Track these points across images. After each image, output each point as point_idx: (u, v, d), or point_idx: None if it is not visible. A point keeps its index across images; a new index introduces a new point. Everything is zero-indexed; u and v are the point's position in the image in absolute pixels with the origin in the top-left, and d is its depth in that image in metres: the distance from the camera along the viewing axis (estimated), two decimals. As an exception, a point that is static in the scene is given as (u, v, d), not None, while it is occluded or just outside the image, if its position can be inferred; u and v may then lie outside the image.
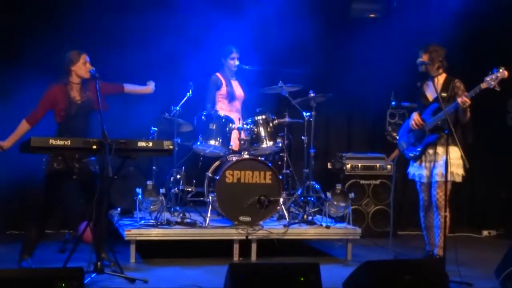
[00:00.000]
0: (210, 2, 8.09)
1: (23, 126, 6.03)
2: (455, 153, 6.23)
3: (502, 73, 6.09)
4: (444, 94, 6.41)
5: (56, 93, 6.09)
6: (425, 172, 6.52)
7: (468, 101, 6.19)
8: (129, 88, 6.65)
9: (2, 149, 6.00)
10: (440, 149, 6.42)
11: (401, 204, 8.56)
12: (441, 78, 6.52)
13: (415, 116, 6.57)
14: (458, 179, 6.43)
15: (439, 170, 6.35)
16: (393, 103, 8.76)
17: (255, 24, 7.95)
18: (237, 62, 7.67)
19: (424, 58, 6.48)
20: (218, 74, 7.73)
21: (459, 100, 6.20)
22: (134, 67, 7.99)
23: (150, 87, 6.84)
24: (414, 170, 6.65)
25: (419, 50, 6.54)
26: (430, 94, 6.55)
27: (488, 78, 6.11)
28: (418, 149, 6.54)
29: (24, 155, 5.82)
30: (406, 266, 5.18)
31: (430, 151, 6.49)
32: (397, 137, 6.92)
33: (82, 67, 6.11)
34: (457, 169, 6.37)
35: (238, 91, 7.80)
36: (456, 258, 5.88)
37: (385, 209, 8.39)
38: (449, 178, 6.23)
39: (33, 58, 7.63)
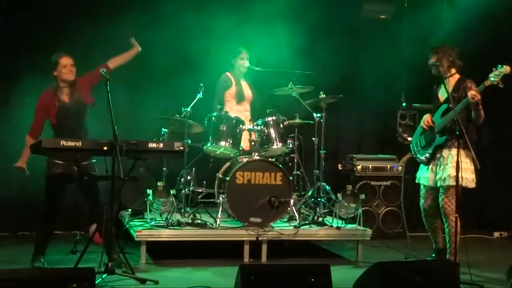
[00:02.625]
0: (220, 3, 8.10)
1: (29, 141, 6.06)
2: (463, 157, 6.07)
3: (504, 68, 5.96)
4: (455, 95, 6.28)
5: (45, 100, 6.15)
6: (430, 176, 6.44)
7: (478, 96, 6.01)
8: (115, 62, 6.41)
9: (24, 171, 6.12)
10: (445, 152, 6.32)
11: (411, 206, 8.53)
12: (453, 79, 6.43)
13: (427, 117, 6.52)
14: (471, 184, 6.24)
15: (444, 174, 6.24)
16: (404, 104, 8.75)
17: (265, 25, 7.95)
18: (246, 63, 7.69)
19: (433, 59, 6.42)
20: (228, 73, 7.76)
21: (469, 94, 6.05)
22: (144, 67, 8.02)
23: (135, 47, 6.61)
24: (421, 174, 6.58)
25: (429, 52, 6.51)
26: (442, 95, 6.50)
27: (491, 75, 6.00)
28: (429, 152, 6.47)
29: (35, 157, 5.85)
30: (417, 267, 5.16)
31: (438, 154, 6.41)
32: (408, 139, 6.87)
33: (62, 71, 6.12)
34: (466, 174, 6.13)
35: (247, 91, 7.82)
36: (467, 260, 5.86)
37: (396, 211, 8.38)
38: (461, 183, 5.94)
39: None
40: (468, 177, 6.20)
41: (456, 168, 5.80)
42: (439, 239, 6.56)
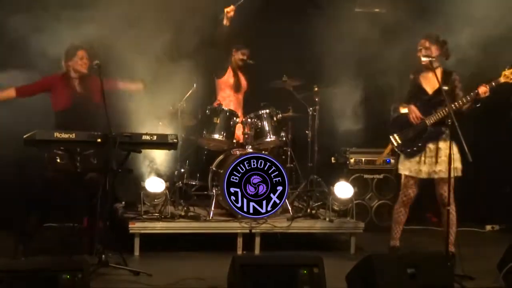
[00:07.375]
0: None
1: (9, 91, 6.14)
2: (455, 148, 6.12)
3: None
4: (445, 87, 6.22)
5: (55, 79, 6.21)
6: (425, 168, 6.34)
7: (488, 92, 6.09)
8: (122, 86, 6.65)
9: None
10: (442, 144, 6.30)
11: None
12: (438, 72, 6.32)
13: (415, 109, 6.40)
14: (459, 173, 6.29)
15: (444, 166, 6.20)
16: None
17: (259, 17, 7.94)
18: (242, 57, 7.63)
19: (434, 49, 6.36)
20: None
21: (480, 90, 6.09)
22: (140, 60, 8.00)
23: (140, 85, 6.80)
24: (410, 165, 6.41)
25: (427, 40, 6.40)
26: (430, 87, 6.41)
27: (507, 72, 6.07)
28: (419, 144, 6.37)
29: (33, 151, 5.85)
30: (409, 259, 5.19)
31: (431, 146, 6.34)
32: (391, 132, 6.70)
33: (78, 62, 6.21)
34: (459, 164, 6.24)
35: (243, 82, 7.80)
36: (459, 252, 5.90)
37: (389, 204, 8.39)
38: (455, 174, 6.10)
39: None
40: (459, 167, 6.27)
41: (449, 160, 5.89)
42: (398, 235, 6.56)
